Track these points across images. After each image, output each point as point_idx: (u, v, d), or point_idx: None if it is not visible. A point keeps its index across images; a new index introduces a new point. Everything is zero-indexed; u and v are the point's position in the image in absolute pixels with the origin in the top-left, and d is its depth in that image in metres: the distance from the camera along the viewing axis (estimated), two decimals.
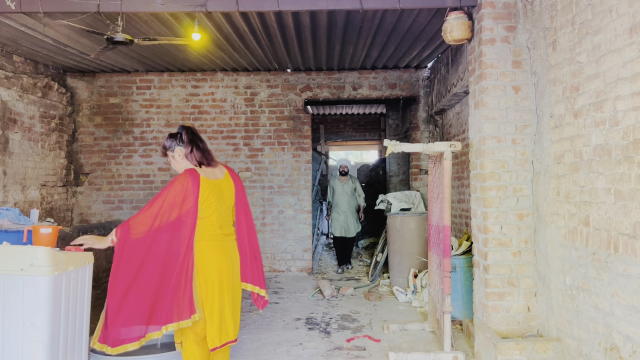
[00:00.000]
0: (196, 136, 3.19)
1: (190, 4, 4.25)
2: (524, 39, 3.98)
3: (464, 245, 5.09)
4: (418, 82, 7.78)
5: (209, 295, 3.00)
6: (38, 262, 2.72)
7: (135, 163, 7.79)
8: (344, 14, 5.14)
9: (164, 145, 3.23)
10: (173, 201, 2.96)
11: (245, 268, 3.24)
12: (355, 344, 4.43)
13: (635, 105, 2.59)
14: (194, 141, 3.16)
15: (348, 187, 8.23)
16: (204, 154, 3.16)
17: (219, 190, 3.12)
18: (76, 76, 7.73)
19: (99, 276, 6.70)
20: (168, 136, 3.23)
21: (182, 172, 3.08)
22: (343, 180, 8.27)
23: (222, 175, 3.19)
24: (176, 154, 3.18)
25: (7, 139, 6.16)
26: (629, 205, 2.64)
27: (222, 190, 3.13)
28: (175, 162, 3.21)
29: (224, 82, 7.80)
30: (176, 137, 3.19)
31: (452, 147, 4.11)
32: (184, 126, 3.21)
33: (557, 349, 3.43)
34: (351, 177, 8.31)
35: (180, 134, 3.19)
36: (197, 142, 3.16)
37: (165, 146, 3.22)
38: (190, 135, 3.17)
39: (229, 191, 3.19)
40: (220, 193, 3.12)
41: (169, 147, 3.20)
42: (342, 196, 8.16)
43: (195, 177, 3.03)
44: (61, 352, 2.86)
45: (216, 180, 3.13)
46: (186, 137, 3.16)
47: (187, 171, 3.07)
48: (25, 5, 4.23)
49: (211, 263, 3.01)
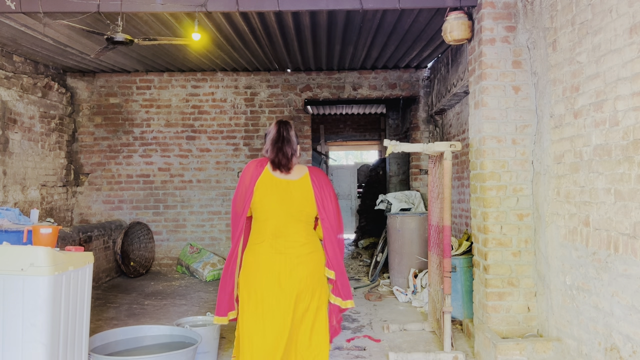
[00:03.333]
0: (281, 136, 2.85)
1: (190, 4, 4.25)
2: (524, 39, 3.98)
3: (464, 245, 5.09)
4: (418, 82, 7.78)
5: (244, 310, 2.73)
6: (38, 262, 2.72)
7: (135, 163, 7.79)
8: (344, 14, 5.14)
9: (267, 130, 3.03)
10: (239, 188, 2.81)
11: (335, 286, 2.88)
12: (355, 344, 4.43)
13: (635, 105, 2.59)
14: (273, 141, 2.86)
15: None
16: (277, 154, 2.82)
17: (286, 191, 2.76)
18: (76, 76, 7.73)
19: (99, 276, 6.70)
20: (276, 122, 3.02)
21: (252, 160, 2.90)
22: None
23: (297, 177, 2.83)
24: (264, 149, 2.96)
25: (7, 139, 6.16)
26: (629, 205, 2.64)
27: (290, 192, 2.77)
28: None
29: (224, 82, 7.80)
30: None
31: (452, 147, 4.11)
32: (278, 121, 2.93)
33: (557, 349, 3.43)
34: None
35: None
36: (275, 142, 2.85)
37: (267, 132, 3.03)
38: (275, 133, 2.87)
39: (301, 195, 2.79)
40: (287, 194, 2.76)
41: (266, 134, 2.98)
42: None
43: (257, 168, 2.80)
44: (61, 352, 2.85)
45: (284, 179, 2.79)
46: (271, 135, 2.89)
47: (252, 161, 2.88)
48: (25, 5, 4.22)
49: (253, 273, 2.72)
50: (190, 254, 7.48)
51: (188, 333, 3.65)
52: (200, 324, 4.05)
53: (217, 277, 7.12)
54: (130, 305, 5.76)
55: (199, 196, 7.80)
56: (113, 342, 3.54)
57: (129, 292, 6.36)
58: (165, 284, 6.88)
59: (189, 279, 7.21)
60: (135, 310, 5.53)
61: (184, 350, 3.27)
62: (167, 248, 7.81)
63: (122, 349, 3.55)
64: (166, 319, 5.19)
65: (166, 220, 7.81)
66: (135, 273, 7.26)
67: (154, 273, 7.58)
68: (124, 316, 5.31)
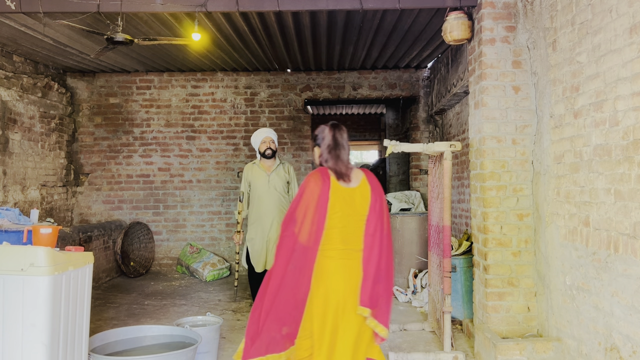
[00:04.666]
0: (336, 141, 2.79)
1: (190, 4, 4.25)
2: (524, 39, 3.98)
3: (464, 245, 5.09)
4: (418, 82, 7.78)
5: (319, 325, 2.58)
6: (38, 262, 2.72)
7: (135, 163, 7.79)
8: (344, 14, 5.14)
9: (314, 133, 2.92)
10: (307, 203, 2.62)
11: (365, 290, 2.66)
12: None
13: (635, 105, 2.59)
14: (329, 147, 2.78)
15: (278, 180, 4.96)
16: (336, 163, 2.75)
17: (351, 199, 2.71)
18: (76, 76, 7.73)
19: (99, 276, 6.70)
20: (321, 127, 2.90)
21: (313, 172, 2.74)
22: (268, 166, 4.99)
23: (356, 183, 2.75)
24: (315, 152, 2.87)
25: (7, 139, 6.16)
26: (629, 205, 2.64)
27: (353, 199, 2.71)
28: (314, 158, 2.90)
29: (224, 82, 7.80)
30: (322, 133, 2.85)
31: (452, 147, 4.11)
32: (332, 124, 2.84)
33: (557, 349, 3.43)
34: (283, 162, 5.12)
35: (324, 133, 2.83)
36: (331, 149, 2.77)
37: (313, 137, 2.92)
38: (331, 138, 2.79)
39: (362, 201, 2.73)
40: (352, 203, 2.70)
41: (314, 139, 2.89)
42: (267, 197, 4.94)
43: (324, 182, 2.67)
44: (61, 352, 2.85)
45: (348, 187, 2.72)
46: (327, 139, 2.80)
47: (319, 171, 2.72)
48: (25, 5, 4.23)
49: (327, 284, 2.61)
50: (190, 254, 7.48)
51: (188, 333, 3.65)
52: (200, 324, 4.04)
53: (217, 277, 7.13)
54: (130, 305, 5.76)
55: (199, 196, 7.80)
56: (113, 342, 3.54)
57: (129, 292, 6.36)
58: (165, 284, 6.88)
59: (189, 279, 7.21)
60: (135, 310, 5.53)
61: (184, 350, 3.27)
62: (167, 248, 7.81)
63: (122, 349, 3.55)
64: (166, 319, 5.19)
65: (166, 220, 7.81)
66: (135, 273, 7.26)
67: (154, 273, 7.58)
68: (124, 316, 5.31)
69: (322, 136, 2.83)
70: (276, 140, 5.02)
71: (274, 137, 4.99)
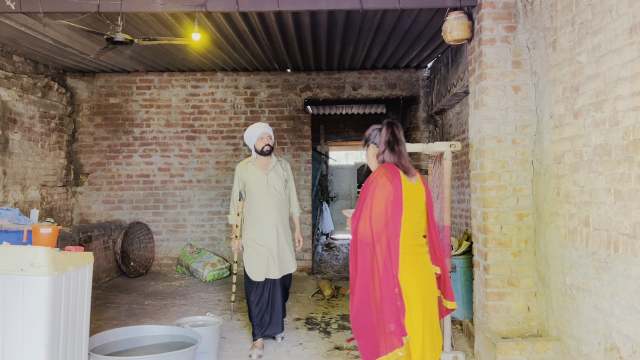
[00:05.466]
0: (395, 138, 2.78)
1: (190, 4, 4.25)
2: (524, 39, 3.98)
3: (464, 245, 5.08)
4: (418, 82, 7.78)
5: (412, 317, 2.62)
6: (38, 262, 2.72)
7: (135, 163, 7.79)
8: (344, 14, 5.14)
9: (364, 135, 2.90)
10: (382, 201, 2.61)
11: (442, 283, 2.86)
12: (355, 344, 4.42)
13: (635, 105, 2.59)
14: (390, 143, 2.76)
15: (277, 179, 4.46)
16: (399, 158, 2.75)
17: (415, 194, 2.73)
18: (76, 76, 7.73)
19: (99, 276, 6.70)
20: (372, 128, 2.87)
21: (380, 167, 2.71)
22: (265, 165, 4.47)
23: (416, 179, 2.79)
24: (369, 150, 2.84)
25: (7, 139, 6.16)
26: (629, 205, 2.64)
27: (416, 195, 2.74)
28: (367, 158, 2.88)
29: (224, 82, 7.80)
30: (377, 132, 2.83)
31: (452, 147, 4.11)
32: (388, 122, 2.82)
33: (557, 349, 3.43)
34: (279, 159, 4.60)
35: (380, 130, 2.82)
36: (393, 145, 2.76)
37: (365, 137, 2.89)
38: (389, 135, 2.78)
39: (421, 197, 2.78)
40: (416, 198, 2.74)
41: (367, 139, 2.87)
42: (266, 199, 4.39)
43: (395, 177, 2.65)
44: (61, 352, 2.85)
45: (412, 183, 2.74)
46: (383, 137, 2.78)
47: (386, 167, 2.70)
48: (25, 5, 4.23)
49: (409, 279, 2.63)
50: (190, 254, 7.48)
51: (188, 333, 3.65)
52: (200, 324, 4.05)
53: (217, 277, 7.13)
54: (130, 305, 5.76)
55: (199, 196, 7.80)
56: (113, 342, 3.54)
57: (129, 292, 6.36)
58: (165, 284, 6.88)
59: (189, 279, 7.21)
60: (135, 310, 5.53)
61: (184, 350, 3.27)
62: (167, 248, 7.81)
63: (122, 349, 3.55)
64: (166, 319, 5.20)
65: (166, 220, 7.81)
66: (135, 273, 7.26)
67: (154, 273, 7.58)
68: (124, 316, 5.31)
69: (377, 134, 2.83)
70: (273, 135, 4.52)
71: (271, 133, 4.46)
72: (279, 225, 4.39)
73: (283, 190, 4.48)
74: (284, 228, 4.43)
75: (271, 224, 4.35)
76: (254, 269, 4.32)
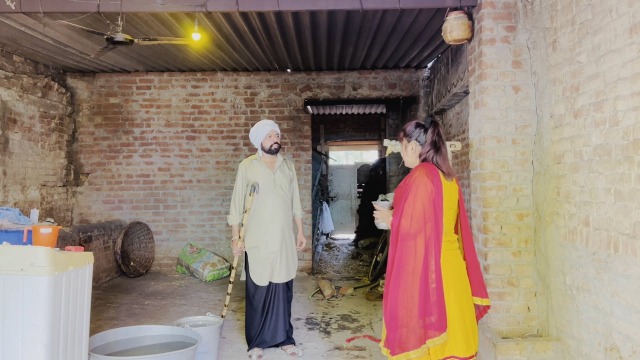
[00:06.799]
0: (440, 138, 2.81)
1: (190, 4, 4.25)
2: (524, 39, 3.98)
3: None
4: (418, 82, 7.78)
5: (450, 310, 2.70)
6: (38, 262, 2.72)
7: (135, 163, 7.79)
8: (344, 14, 5.14)
9: (404, 129, 2.90)
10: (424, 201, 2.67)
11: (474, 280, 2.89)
12: (355, 344, 4.43)
13: (635, 105, 2.59)
14: (436, 144, 2.80)
15: (283, 179, 4.33)
16: (444, 161, 2.80)
17: (450, 194, 2.80)
18: (76, 76, 7.73)
19: (99, 276, 6.70)
20: (415, 124, 2.88)
21: (421, 167, 2.77)
22: (272, 163, 4.34)
23: (451, 179, 2.83)
24: (410, 147, 2.86)
25: (7, 139, 6.16)
26: (629, 205, 2.64)
27: (451, 194, 2.80)
28: (405, 153, 2.91)
29: (224, 82, 7.81)
30: (420, 129, 2.84)
31: (452, 147, 4.11)
32: (432, 121, 2.84)
33: (557, 349, 3.43)
34: (284, 157, 4.47)
35: (425, 129, 2.84)
36: (438, 146, 2.80)
37: (405, 131, 2.89)
38: (435, 135, 2.81)
39: (455, 196, 2.84)
40: (451, 197, 2.80)
41: (409, 134, 2.87)
42: (272, 199, 4.24)
43: (436, 174, 2.72)
44: (61, 352, 2.85)
45: (448, 182, 2.80)
46: (429, 137, 2.81)
47: (426, 167, 2.75)
48: (25, 5, 4.23)
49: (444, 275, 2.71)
50: (190, 254, 7.48)
51: (188, 333, 3.65)
52: (200, 324, 4.05)
53: (217, 277, 7.13)
54: (130, 305, 5.76)
55: (199, 196, 7.81)
56: (113, 342, 3.54)
57: (129, 292, 6.36)
58: (165, 284, 6.88)
59: (189, 279, 7.21)
60: (135, 310, 5.53)
61: (184, 350, 3.27)
62: (167, 248, 7.81)
63: (122, 349, 3.55)
64: (166, 319, 5.20)
65: (166, 220, 7.81)
66: (135, 273, 7.26)
67: (154, 273, 7.58)
68: (124, 316, 5.31)
69: (420, 132, 2.84)
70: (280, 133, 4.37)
71: (278, 131, 4.30)
72: (285, 227, 4.24)
73: (288, 190, 4.33)
74: (289, 230, 4.28)
75: (276, 225, 4.19)
76: (257, 272, 4.18)
